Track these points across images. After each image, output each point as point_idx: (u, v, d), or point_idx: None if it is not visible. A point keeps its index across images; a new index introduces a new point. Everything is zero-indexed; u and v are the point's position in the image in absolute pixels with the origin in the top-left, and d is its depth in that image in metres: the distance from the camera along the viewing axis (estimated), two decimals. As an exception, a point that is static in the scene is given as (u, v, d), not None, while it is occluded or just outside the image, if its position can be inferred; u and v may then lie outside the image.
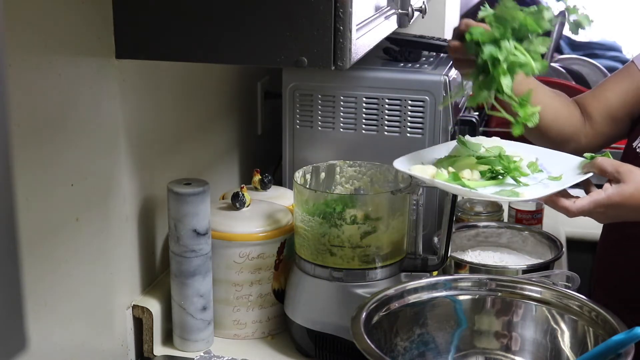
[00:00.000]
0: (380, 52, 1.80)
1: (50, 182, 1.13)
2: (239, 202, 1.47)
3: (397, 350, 1.23)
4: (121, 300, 1.38)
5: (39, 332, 1.13)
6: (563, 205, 1.23)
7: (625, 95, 1.52)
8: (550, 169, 1.32)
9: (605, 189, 1.23)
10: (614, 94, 1.54)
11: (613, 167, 1.24)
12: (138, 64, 1.33)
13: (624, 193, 1.22)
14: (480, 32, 1.20)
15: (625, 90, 1.52)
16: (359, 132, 1.70)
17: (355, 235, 1.34)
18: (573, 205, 1.23)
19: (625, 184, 1.22)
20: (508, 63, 1.18)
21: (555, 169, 1.31)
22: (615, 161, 1.27)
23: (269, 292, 1.47)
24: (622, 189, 1.22)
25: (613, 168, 1.24)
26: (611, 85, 1.56)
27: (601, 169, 1.25)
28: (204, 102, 1.66)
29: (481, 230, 1.73)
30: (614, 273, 1.57)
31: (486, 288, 1.29)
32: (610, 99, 1.54)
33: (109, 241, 1.31)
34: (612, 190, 1.23)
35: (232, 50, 1.17)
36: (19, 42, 1.03)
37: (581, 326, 1.21)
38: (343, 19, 1.12)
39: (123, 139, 1.33)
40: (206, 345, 1.44)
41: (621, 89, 1.53)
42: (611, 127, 1.55)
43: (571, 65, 2.97)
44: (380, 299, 1.21)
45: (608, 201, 1.22)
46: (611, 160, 1.26)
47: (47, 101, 1.11)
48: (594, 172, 1.27)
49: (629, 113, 1.53)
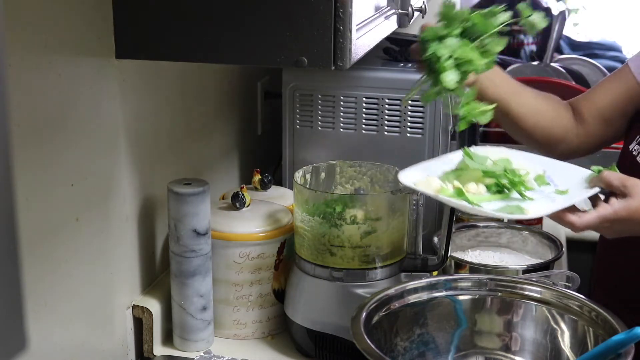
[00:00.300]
0: (380, 52, 1.80)
1: (50, 182, 1.13)
2: (239, 202, 1.47)
3: (397, 350, 1.23)
4: (121, 300, 1.37)
5: (39, 332, 1.13)
6: (569, 220, 1.21)
7: (617, 97, 1.52)
8: (557, 181, 1.29)
9: (612, 204, 1.21)
10: (606, 95, 1.54)
11: (620, 181, 1.23)
12: (138, 64, 1.33)
13: (631, 207, 1.20)
14: (427, 30, 1.22)
15: (618, 92, 1.52)
16: (359, 132, 1.70)
17: (355, 235, 1.34)
18: (579, 220, 1.21)
19: (632, 199, 1.21)
20: (453, 60, 1.19)
21: (562, 182, 1.29)
22: (621, 175, 1.25)
23: (269, 292, 1.47)
24: (628, 203, 1.21)
25: (620, 182, 1.22)
26: (604, 87, 1.57)
27: (608, 183, 1.23)
28: (204, 102, 1.66)
29: (481, 230, 1.73)
30: (614, 273, 1.57)
31: (486, 288, 1.29)
32: (602, 101, 1.54)
33: (109, 241, 1.31)
34: (618, 205, 1.21)
35: (232, 50, 1.17)
36: (19, 42, 1.03)
37: (581, 326, 1.21)
38: (343, 19, 1.12)
39: (123, 139, 1.33)
40: (206, 345, 1.44)
41: (613, 91, 1.53)
42: (603, 129, 1.54)
43: (571, 65, 2.97)
44: (380, 299, 1.21)
45: (615, 216, 1.21)
46: (618, 174, 1.24)
47: (47, 101, 1.11)
48: (600, 186, 1.25)
49: (622, 115, 1.52)
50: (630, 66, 1.52)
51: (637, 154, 1.45)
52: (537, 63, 2.85)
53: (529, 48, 3.26)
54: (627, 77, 1.52)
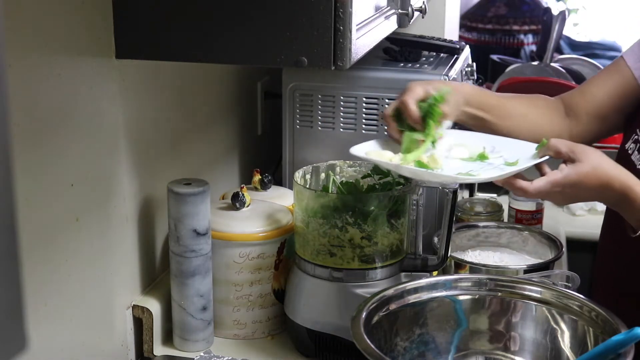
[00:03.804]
0: (380, 52, 1.80)
1: (50, 182, 1.13)
2: (239, 202, 1.47)
3: (397, 350, 1.23)
4: (121, 300, 1.38)
5: (39, 332, 1.13)
6: (520, 186, 1.25)
7: (613, 91, 1.51)
8: (506, 156, 1.34)
9: (562, 169, 1.25)
10: (602, 90, 1.52)
11: (567, 147, 1.27)
12: (138, 64, 1.33)
13: (580, 172, 1.24)
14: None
15: (614, 86, 1.51)
16: (359, 132, 1.70)
17: (355, 236, 1.34)
18: (530, 185, 1.25)
19: (581, 163, 1.25)
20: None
21: (511, 155, 1.34)
22: (569, 142, 1.29)
23: (269, 292, 1.47)
24: (577, 167, 1.24)
25: (567, 148, 1.27)
26: (599, 81, 1.55)
27: (556, 150, 1.28)
28: (204, 102, 1.66)
29: (481, 230, 1.72)
30: (613, 273, 1.57)
31: (486, 288, 1.29)
32: (597, 96, 1.52)
33: (109, 241, 1.31)
34: (568, 169, 1.25)
35: (232, 50, 1.17)
36: (19, 42, 1.03)
37: (581, 326, 1.21)
38: (343, 19, 1.12)
39: (123, 139, 1.33)
40: (206, 345, 1.44)
41: (609, 85, 1.52)
42: (599, 124, 1.53)
43: (571, 65, 2.96)
44: (380, 299, 1.21)
45: (565, 180, 1.24)
46: (565, 141, 1.29)
47: (47, 101, 1.11)
48: (549, 155, 1.29)
49: (617, 110, 1.51)
50: (626, 60, 1.50)
51: (632, 152, 1.44)
52: (537, 63, 2.85)
53: (529, 48, 3.26)
54: (623, 72, 1.50)
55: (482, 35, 3.29)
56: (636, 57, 1.50)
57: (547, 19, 2.97)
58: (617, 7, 4.52)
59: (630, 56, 1.51)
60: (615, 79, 1.52)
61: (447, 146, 1.36)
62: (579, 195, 1.29)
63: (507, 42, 3.27)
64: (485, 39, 3.28)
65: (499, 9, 3.29)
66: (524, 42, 3.27)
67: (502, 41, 3.27)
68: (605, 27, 4.37)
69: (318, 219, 1.35)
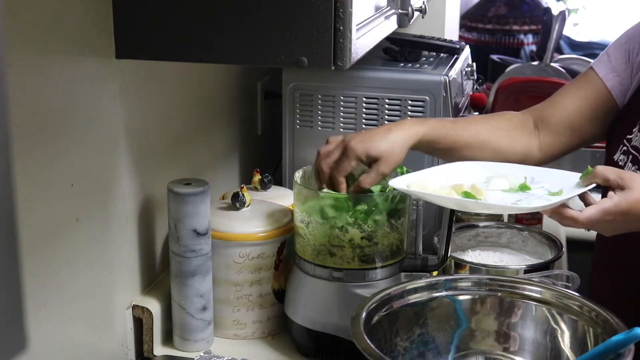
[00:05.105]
0: (380, 52, 1.80)
1: (50, 182, 1.13)
2: (239, 202, 1.47)
3: (397, 350, 1.23)
4: (121, 300, 1.38)
5: (39, 332, 1.13)
6: (570, 215, 1.19)
7: (584, 101, 1.50)
8: (548, 186, 1.28)
9: (612, 197, 1.20)
10: (572, 100, 1.51)
11: (616, 174, 1.21)
12: (138, 64, 1.33)
13: (631, 199, 1.19)
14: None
15: (585, 97, 1.50)
16: (358, 132, 1.70)
17: (355, 236, 1.34)
18: (581, 215, 1.19)
19: (630, 190, 1.19)
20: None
21: (554, 186, 1.28)
22: (616, 169, 1.24)
23: (269, 292, 1.47)
24: (628, 195, 1.19)
25: (616, 175, 1.21)
26: (569, 92, 1.53)
27: (603, 177, 1.22)
28: (204, 102, 1.66)
29: (481, 230, 1.72)
30: (613, 272, 1.57)
31: (486, 288, 1.29)
32: (568, 106, 1.51)
33: (109, 241, 1.31)
34: (618, 197, 1.19)
35: (232, 50, 1.17)
36: (19, 42, 1.03)
37: (581, 326, 1.21)
38: (343, 19, 1.12)
39: (123, 139, 1.33)
40: (206, 345, 1.44)
41: (580, 95, 1.51)
42: (570, 134, 1.51)
43: (571, 65, 2.96)
44: (380, 299, 1.21)
45: (616, 208, 1.19)
46: (612, 168, 1.24)
47: (47, 101, 1.11)
48: (596, 182, 1.23)
49: (591, 119, 1.50)
50: (596, 71, 1.49)
51: (625, 164, 1.43)
52: (537, 63, 2.85)
53: (529, 48, 3.26)
54: (594, 83, 1.49)
55: (482, 35, 3.29)
56: (607, 67, 1.49)
57: (547, 19, 2.97)
58: (617, 7, 4.52)
59: (600, 67, 1.50)
60: (586, 89, 1.51)
61: (483, 178, 1.31)
62: (629, 224, 1.22)
63: (507, 42, 3.27)
64: (485, 39, 3.28)
65: (499, 9, 3.29)
66: (524, 42, 3.27)
67: (502, 41, 3.27)
68: (605, 27, 4.37)
69: (318, 219, 1.35)
